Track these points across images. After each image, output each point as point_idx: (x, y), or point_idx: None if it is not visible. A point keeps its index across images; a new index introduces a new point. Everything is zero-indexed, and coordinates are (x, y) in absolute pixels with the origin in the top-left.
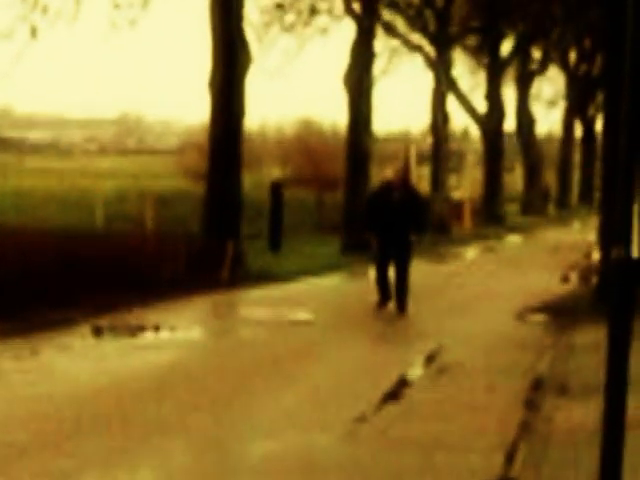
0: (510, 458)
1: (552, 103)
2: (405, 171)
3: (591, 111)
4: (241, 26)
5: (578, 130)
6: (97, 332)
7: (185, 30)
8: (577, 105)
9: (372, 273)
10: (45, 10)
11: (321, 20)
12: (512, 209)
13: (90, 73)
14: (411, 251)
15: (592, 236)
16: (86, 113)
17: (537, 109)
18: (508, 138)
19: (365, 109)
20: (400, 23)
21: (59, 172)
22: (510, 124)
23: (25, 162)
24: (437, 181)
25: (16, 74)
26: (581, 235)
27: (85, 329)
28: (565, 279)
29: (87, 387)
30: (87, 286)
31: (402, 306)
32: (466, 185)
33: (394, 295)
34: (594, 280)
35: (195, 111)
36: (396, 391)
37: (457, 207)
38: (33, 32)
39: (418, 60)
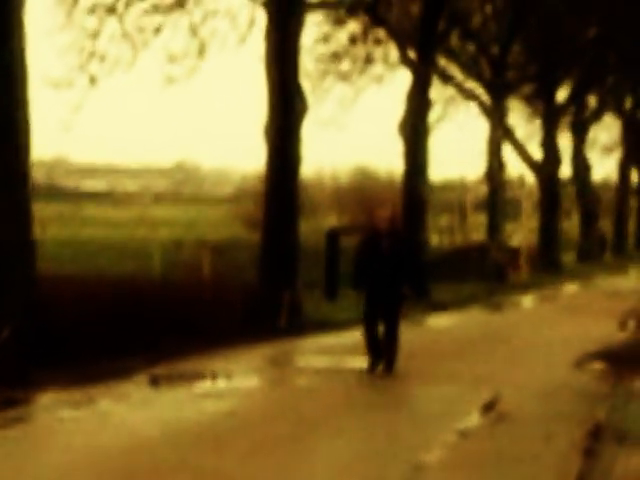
0: None
1: (608, 150)
2: (394, 217)
3: None
4: (297, 74)
5: (634, 177)
6: (154, 381)
7: (241, 78)
8: (633, 152)
9: (427, 321)
10: (103, 59)
11: (376, 68)
12: (569, 256)
13: (146, 122)
14: (402, 306)
15: None
16: (142, 162)
17: (593, 156)
18: (564, 185)
19: (421, 157)
20: (455, 71)
21: (115, 221)
22: (566, 171)
23: (81, 211)
24: (493, 228)
25: (72, 124)
26: (638, 282)
27: (142, 378)
28: (622, 326)
29: (144, 437)
30: (144, 335)
31: (390, 366)
32: (522, 232)
33: (384, 353)
34: None
35: (251, 159)
36: (453, 440)
37: (514, 254)
38: (92, 80)
39: (473, 108)
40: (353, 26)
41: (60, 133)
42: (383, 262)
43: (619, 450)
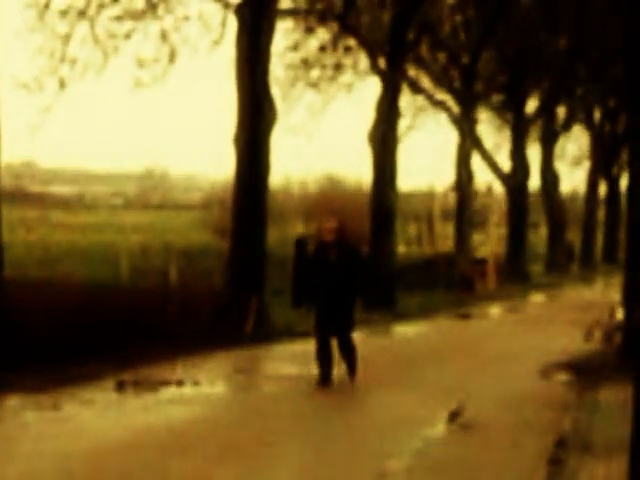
0: None
1: (576, 162)
2: (340, 226)
3: (615, 170)
4: (267, 82)
5: (602, 189)
6: (120, 387)
7: (210, 85)
8: (601, 164)
9: (393, 330)
10: (73, 63)
11: (346, 77)
12: (536, 267)
13: (114, 128)
14: (353, 317)
15: (616, 295)
16: (110, 168)
17: (561, 167)
18: (533, 196)
19: (390, 166)
20: (425, 80)
21: (83, 226)
22: (535, 182)
23: (49, 216)
24: (461, 238)
25: (40, 128)
26: (605, 294)
27: (108, 384)
28: (589, 338)
29: (109, 442)
30: (111, 340)
31: (352, 371)
32: (490, 243)
33: (345, 362)
34: (618, 339)
35: (220, 166)
36: (419, 448)
37: (481, 265)
38: (62, 84)
39: (443, 117)
40: (323, 34)
41: (29, 137)
42: (331, 273)
43: (584, 460)
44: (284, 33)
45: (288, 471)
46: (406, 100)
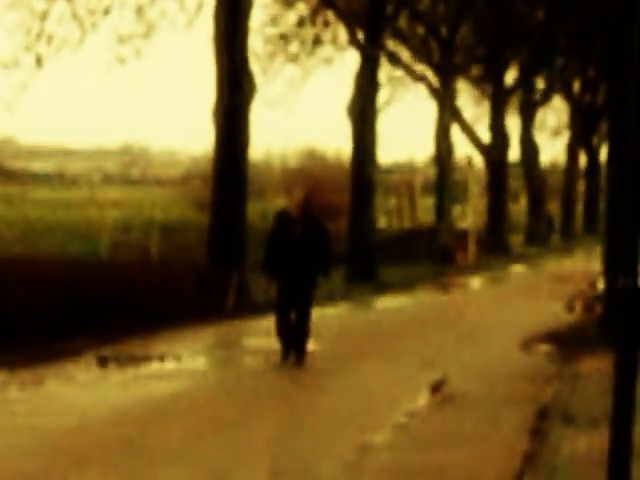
0: None
1: (556, 133)
2: (307, 201)
3: (595, 141)
4: (245, 56)
5: (582, 160)
6: (102, 362)
7: (190, 60)
8: (581, 135)
9: (375, 302)
10: (50, 39)
11: (325, 50)
12: (516, 239)
13: (94, 103)
14: (313, 293)
15: (596, 265)
16: (90, 144)
17: (541, 139)
18: (513, 168)
19: (369, 139)
20: (404, 53)
21: (64, 202)
22: (514, 154)
23: (29, 192)
24: (442, 211)
25: (19, 104)
26: (585, 264)
27: (90, 359)
28: (570, 309)
29: (91, 417)
30: (92, 316)
31: (301, 357)
32: (470, 215)
33: (293, 343)
34: (598, 309)
35: (200, 141)
36: (401, 421)
37: (461, 237)
38: (39, 61)
39: (422, 90)
40: (302, 8)
41: (8, 114)
42: (295, 247)
43: (566, 431)
44: (263, 7)
45: (269, 445)
46: (385, 73)
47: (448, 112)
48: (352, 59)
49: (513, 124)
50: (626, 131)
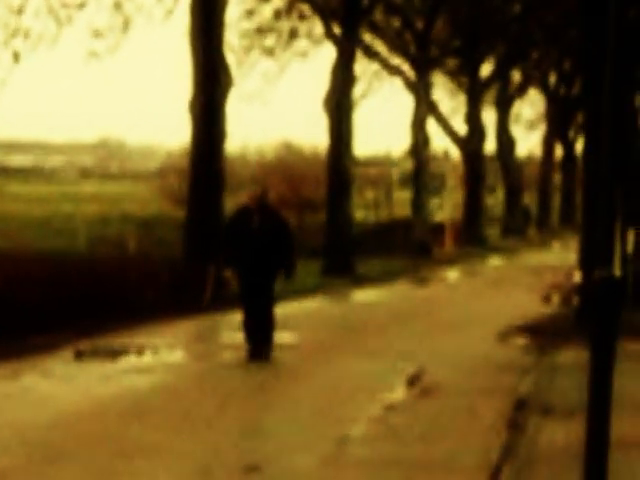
0: (493, 479)
1: (532, 125)
2: (264, 193)
3: (571, 133)
4: (221, 50)
5: (558, 152)
6: (79, 356)
7: (166, 54)
8: (557, 127)
9: (352, 295)
10: (27, 35)
11: (301, 44)
12: (493, 231)
13: (71, 98)
14: (273, 285)
15: (573, 257)
16: (67, 138)
17: (517, 131)
18: (489, 160)
19: (346, 132)
20: (380, 46)
21: (41, 197)
22: (490, 146)
23: (7, 187)
24: (418, 204)
25: None
26: (562, 256)
27: (67, 353)
28: (547, 300)
29: (69, 411)
30: (69, 310)
31: (267, 351)
32: (447, 207)
33: (259, 338)
34: (575, 301)
35: (176, 135)
36: (378, 413)
37: (438, 229)
38: (16, 57)
39: (398, 83)
40: (277, 1)
41: None
42: (253, 241)
43: (544, 423)
44: (238, 1)
45: (247, 438)
46: (361, 66)
47: (424, 105)
48: (328, 52)
49: (489, 117)
50: (602, 123)
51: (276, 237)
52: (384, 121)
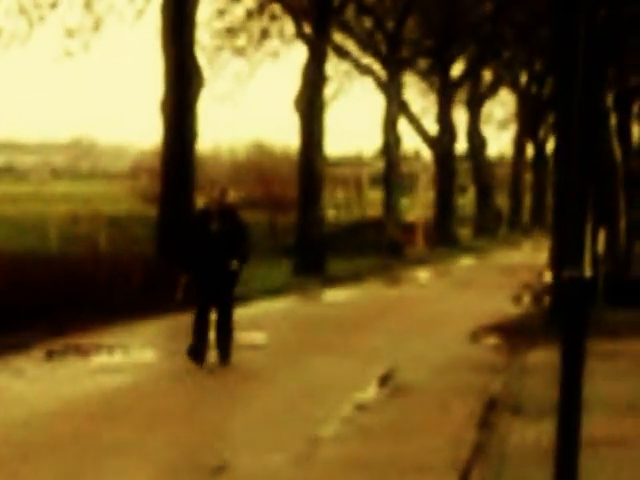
0: (464, 478)
1: (503, 125)
2: (223, 195)
3: (542, 132)
4: (192, 50)
5: (529, 151)
6: (50, 356)
7: (138, 54)
8: (528, 127)
9: (323, 295)
10: None
11: (272, 43)
12: (464, 231)
13: (42, 97)
14: (234, 287)
15: (544, 257)
16: (39, 137)
17: (488, 131)
18: (460, 160)
19: (317, 132)
20: (351, 46)
21: (12, 196)
22: (462, 146)
23: None
24: (389, 204)
25: None
26: (533, 256)
27: (38, 353)
28: (518, 300)
29: (40, 411)
30: (40, 309)
31: (226, 355)
32: (418, 207)
33: (216, 343)
34: (546, 301)
35: (148, 135)
36: (349, 413)
37: (409, 229)
38: None
39: (369, 83)
40: (249, 1)
41: None
42: (212, 243)
43: (514, 422)
44: (210, 0)
45: (218, 438)
46: (332, 66)
47: (395, 105)
48: (299, 52)
49: (460, 117)
50: (572, 122)
51: (235, 239)
52: (355, 121)
